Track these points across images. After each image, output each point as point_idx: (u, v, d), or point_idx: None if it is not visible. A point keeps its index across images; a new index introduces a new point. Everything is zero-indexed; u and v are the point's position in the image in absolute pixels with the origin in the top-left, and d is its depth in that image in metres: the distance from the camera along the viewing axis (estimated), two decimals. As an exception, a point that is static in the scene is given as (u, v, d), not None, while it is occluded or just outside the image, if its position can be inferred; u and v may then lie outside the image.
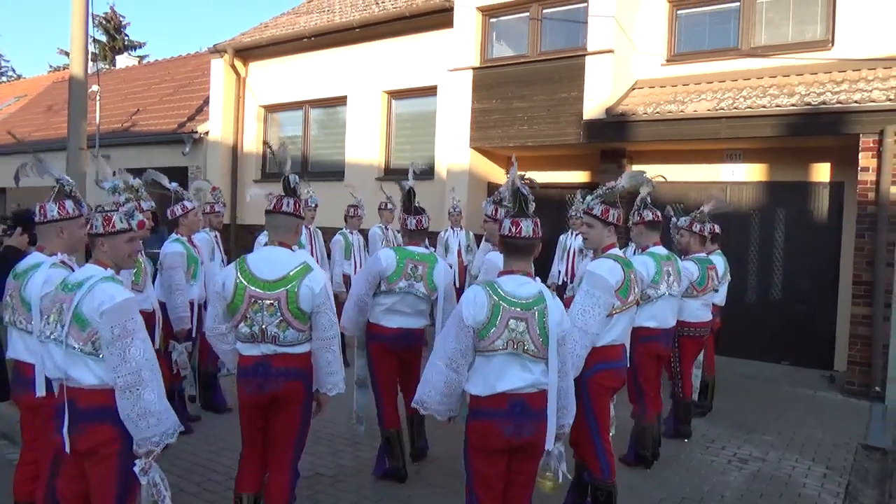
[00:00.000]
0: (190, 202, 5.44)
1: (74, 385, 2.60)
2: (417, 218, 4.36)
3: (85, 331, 2.55)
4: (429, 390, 2.90)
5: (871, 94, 6.85)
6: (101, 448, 2.58)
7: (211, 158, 12.93)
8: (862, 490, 4.67)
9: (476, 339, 2.79)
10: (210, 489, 4.15)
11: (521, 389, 2.79)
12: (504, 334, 2.76)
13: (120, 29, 32.15)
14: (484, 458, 2.85)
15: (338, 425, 5.28)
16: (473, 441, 2.87)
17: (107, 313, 2.54)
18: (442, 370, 2.84)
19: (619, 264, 3.55)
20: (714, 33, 8.74)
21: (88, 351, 2.56)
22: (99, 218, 2.73)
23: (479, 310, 2.77)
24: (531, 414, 2.81)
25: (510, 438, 2.79)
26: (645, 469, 4.70)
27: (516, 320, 2.77)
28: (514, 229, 2.87)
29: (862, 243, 7.04)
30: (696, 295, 5.20)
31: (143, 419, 2.55)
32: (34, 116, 19.13)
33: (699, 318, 5.30)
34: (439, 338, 2.94)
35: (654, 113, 7.96)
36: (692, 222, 5.41)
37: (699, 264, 5.26)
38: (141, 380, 2.55)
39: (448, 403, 2.91)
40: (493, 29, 9.83)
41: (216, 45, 12.77)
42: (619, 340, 3.69)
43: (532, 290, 2.84)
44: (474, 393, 2.84)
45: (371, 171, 11.10)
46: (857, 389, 6.98)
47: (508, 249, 2.92)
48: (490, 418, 2.80)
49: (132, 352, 2.55)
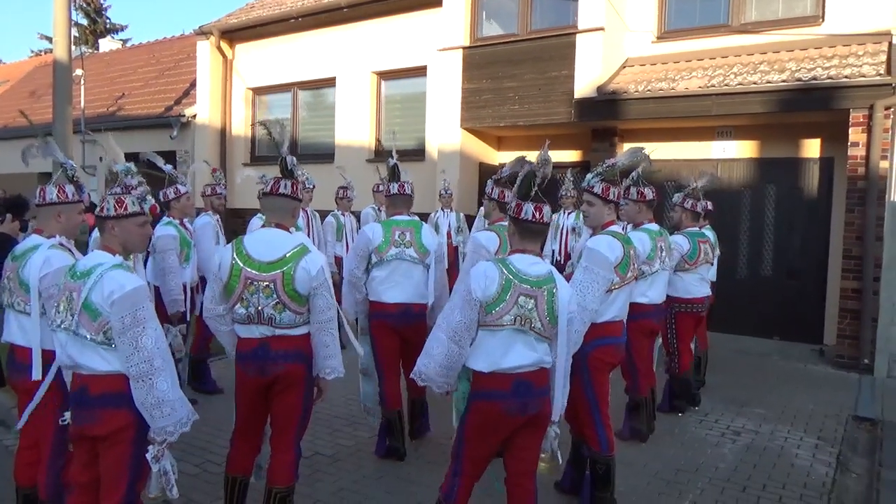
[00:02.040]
0: (183, 186, 5.39)
1: (87, 372, 2.58)
2: (400, 183, 4.41)
3: (96, 320, 2.52)
4: (428, 362, 2.88)
5: (861, 70, 6.86)
6: (116, 434, 2.56)
7: (199, 142, 12.81)
8: (852, 459, 4.76)
9: (482, 314, 2.78)
10: (209, 470, 4.17)
11: (525, 368, 2.80)
12: (513, 310, 2.77)
13: (101, 11, 31.58)
14: (483, 437, 2.87)
15: (336, 406, 5.30)
16: (475, 420, 2.87)
17: (117, 302, 2.50)
18: (444, 342, 2.83)
19: (618, 241, 3.57)
20: (704, 10, 8.71)
21: (100, 340, 2.53)
22: (111, 200, 2.67)
23: (490, 284, 2.77)
24: (535, 391, 2.84)
25: (516, 417, 2.81)
26: (640, 443, 4.76)
27: (526, 297, 2.78)
28: (538, 215, 2.88)
29: (852, 218, 7.11)
30: (688, 268, 5.24)
31: (157, 408, 2.53)
32: (17, 102, 18.85)
33: (695, 294, 5.34)
34: (444, 310, 2.94)
35: (645, 91, 7.95)
36: (685, 198, 5.43)
37: (689, 238, 5.30)
38: (153, 368, 2.52)
39: (447, 376, 2.89)
40: (482, 8, 9.74)
41: (202, 27, 12.59)
42: (619, 317, 3.72)
43: (543, 270, 2.86)
44: (477, 369, 2.83)
45: (361, 152, 11.05)
46: (846, 362, 7.08)
47: (525, 232, 2.92)
48: (495, 399, 2.80)
49: (144, 340, 2.52)
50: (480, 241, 4.26)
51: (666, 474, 4.33)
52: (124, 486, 2.58)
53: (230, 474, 3.31)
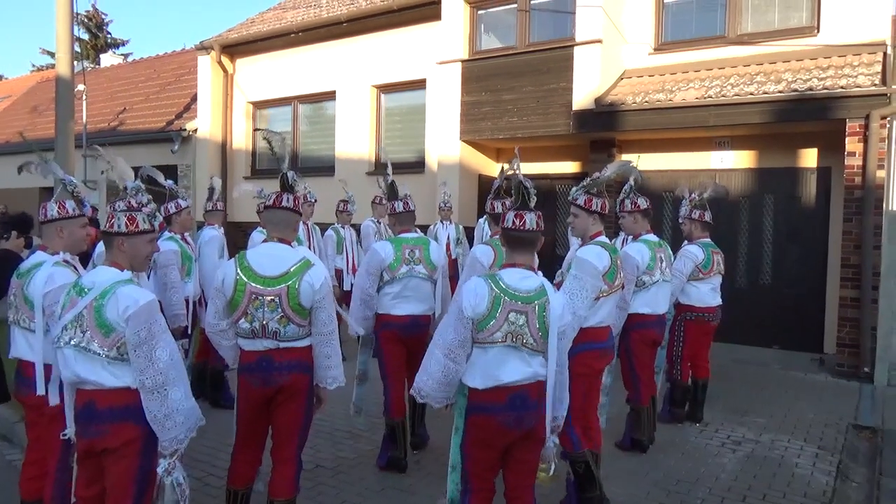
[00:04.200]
0: (184, 200, 5.44)
1: (93, 388, 2.58)
2: (403, 200, 4.47)
3: (109, 336, 2.54)
4: (426, 379, 2.89)
5: (857, 80, 6.92)
6: (123, 447, 2.57)
7: (200, 156, 12.87)
8: (853, 468, 4.77)
9: (474, 331, 2.79)
10: (211, 483, 4.18)
11: (521, 381, 2.80)
12: (504, 327, 2.76)
13: (102, 27, 31.81)
14: (482, 450, 2.87)
15: (337, 418, 5.32)
16: (473, 435, 2.87)
17: (133, 317, 2.52)
18: (440, 360, 2.84)
19: (605, 251, 3.65)
20: (701, 21, 8.80)
21: (113, 356, 2.54)
22: (122, 217, 2.70)
23: (480, 301, 2.77)
24: (531, 405, 2.83)
25: (512, 431, 2.81)
26: (641, 453, 4.77)
27: (516, 313, 2.77)
28: (517, 222, 2.86)
29: (849, 227, 7.14)
30: (702, 278, 5.29)
31: (169, 419, 2.57)
32: (19, 117, 18.96)
33: (708, 303, 5.36)
34: (439, 327, 2.95)
35: (642, 102, 8.01)
36: (692, 209, 5.48)
37: (703, 248, 5.35)
38: (168, 380, 2.56)
39: (446, 392, 2.90)
40: (481, 21, 9.84)
41: (202, 42, 12.71)
42: (605, 322, 3.78)
43: (534, 284, 2.83)
44: (473, 386, 2.83)
45: (362, 165, 11.11)
46: (846, 371, 7.09)
47: (511, 242, 2.91)
48: (490, 413, 2.80)
49: (158, 353, 2.55)
50: (476, 255, 4.36)
51: (666, 484, 4.34)
52: (131, 500, 2.60)
53: (232, 487, 3.33)
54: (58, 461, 3.07)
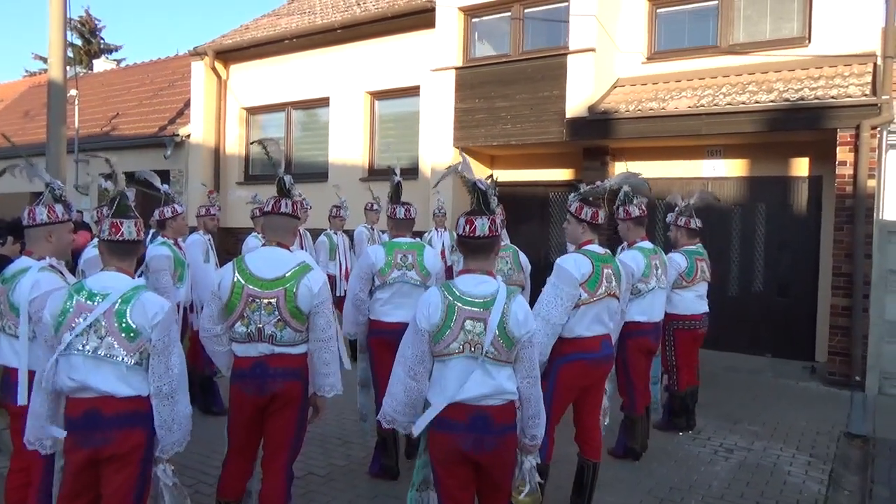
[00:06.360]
0: (180, 206, 5.42)
1: (97, 395, 2.55)
2: (406, 207, 4.45)
3: (134, 342, 2.54)
4: (390, 401, 2.76)
5: (848, 90, 6.98)
6: (130, 453, 2.56)
7: (193, 161, 12.84)
8: (845, 476, 4.78)
9: (431, 343, 2.64)
10: (202, 491, 4.14)
11: (484, 399, 2.60)
12: (460, 336, 2.60)
13: (95, 32, 31.76)
14: (445, 468, 2.69)
15: (329, 425, 5.29)
16: (433, 452, 2.72)
17: (161, 324, 2.57)
18: (402, 379, 2.72)
19: (587, 258, 3.53)
20: (693, 31, 8.86)
21: (134, 362, 2.55)
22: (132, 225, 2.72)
23: (434, 311, 2.63)
24: (494, 429, 2.61)
25: (468, 453, 2.61)
26: (634, 461, 4.77)
27: (473, 321, 2.60)
28: (468, 228, 2.70)
29: (841, 236, 7.18)
30: (686, 286, 5.26)
31: (176, 423, 2.63)
32: (11, 122, 18.86)
33: (693, 311, 5.32)
34: (401, 345, 2.80)
35: (635, 110, 8.05)
36: (678, 216, 5.48)
37: (686, 255, 5.32)
38: (179, 386, 2.62)
39: (411, 415, 2.74)
40: (474, 29, 9.87)
41: (196, 48, 12.70)
42: (592, 332, 3.60)
43: (490, 289, 2.66)
44: (435, 402, 2.66)
45: (355, 171, 11.11)
46: (837, 379, 7.11)
47: (465, 249, 2.75)
48: (449, 430, 2.62)
49: (174, 360, 2.61)
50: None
51: (659, 492, 4.34)
52: None
53: (222, 499, 3.28)
54: (42, 470, 3.02)
